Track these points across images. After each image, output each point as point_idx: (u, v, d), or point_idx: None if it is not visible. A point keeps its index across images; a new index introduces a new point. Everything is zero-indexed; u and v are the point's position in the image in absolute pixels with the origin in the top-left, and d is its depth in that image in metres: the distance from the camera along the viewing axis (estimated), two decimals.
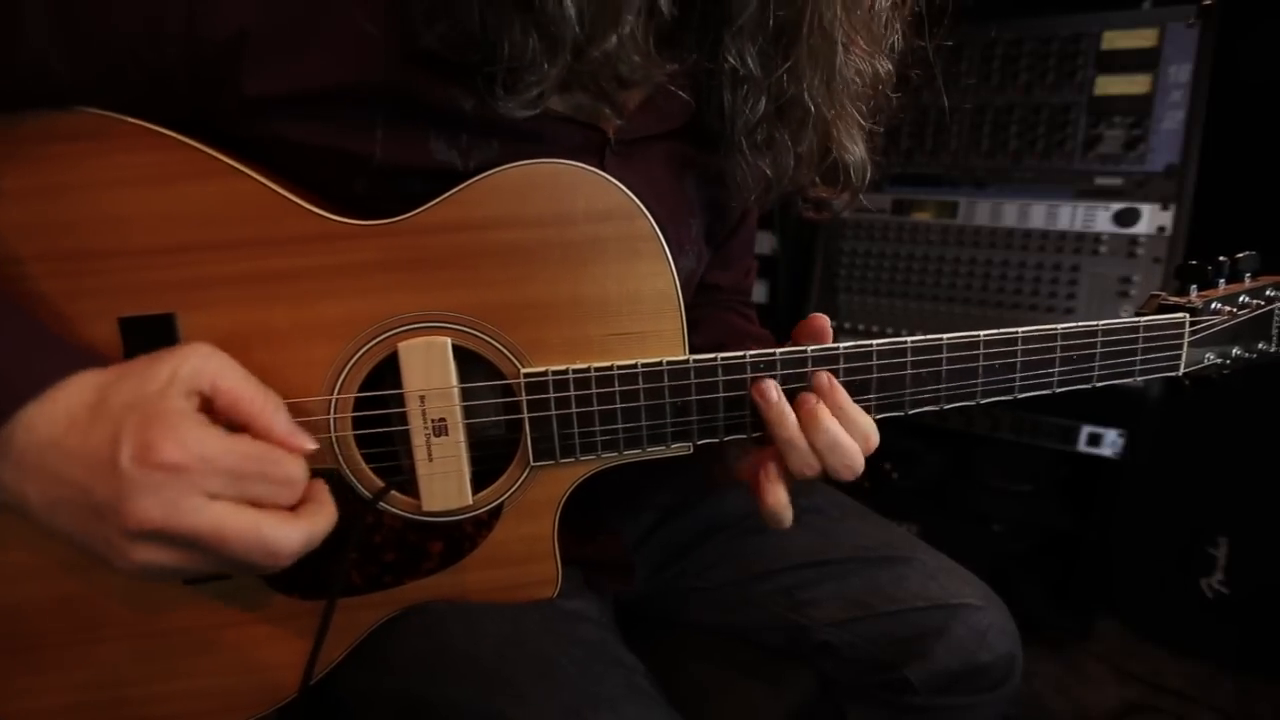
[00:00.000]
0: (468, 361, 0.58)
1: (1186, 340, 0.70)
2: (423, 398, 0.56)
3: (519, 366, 0.57)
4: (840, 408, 0.59)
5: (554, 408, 0.58)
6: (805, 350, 0.60)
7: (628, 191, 0.56)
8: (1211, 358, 0.72)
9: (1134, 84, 1.38)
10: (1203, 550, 1.54)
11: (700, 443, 0.61)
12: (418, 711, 0.59)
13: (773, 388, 0.59)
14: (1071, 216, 1.44)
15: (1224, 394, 0.74)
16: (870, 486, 1.71)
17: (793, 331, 0.64)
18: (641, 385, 0.58)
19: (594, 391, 0.58)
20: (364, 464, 0.59)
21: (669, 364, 0.58)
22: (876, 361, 0.61)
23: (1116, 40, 1.40)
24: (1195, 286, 0.72)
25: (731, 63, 0.58)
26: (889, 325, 1.60)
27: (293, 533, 0.49)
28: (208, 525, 0.46)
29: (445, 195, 0.54)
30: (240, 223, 0.53)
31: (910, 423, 0.64)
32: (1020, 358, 0.63)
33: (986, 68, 1.51)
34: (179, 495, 0.45)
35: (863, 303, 1.63)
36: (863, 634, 0.75)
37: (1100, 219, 1.42)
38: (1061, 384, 0.66)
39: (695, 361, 0.58)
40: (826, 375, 0.59)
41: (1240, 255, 0.73)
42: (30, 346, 0.48)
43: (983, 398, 0.64)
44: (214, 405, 0.49)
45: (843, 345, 0.60)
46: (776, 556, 0.79)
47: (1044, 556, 1.63)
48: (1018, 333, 0.63)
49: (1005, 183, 1.51)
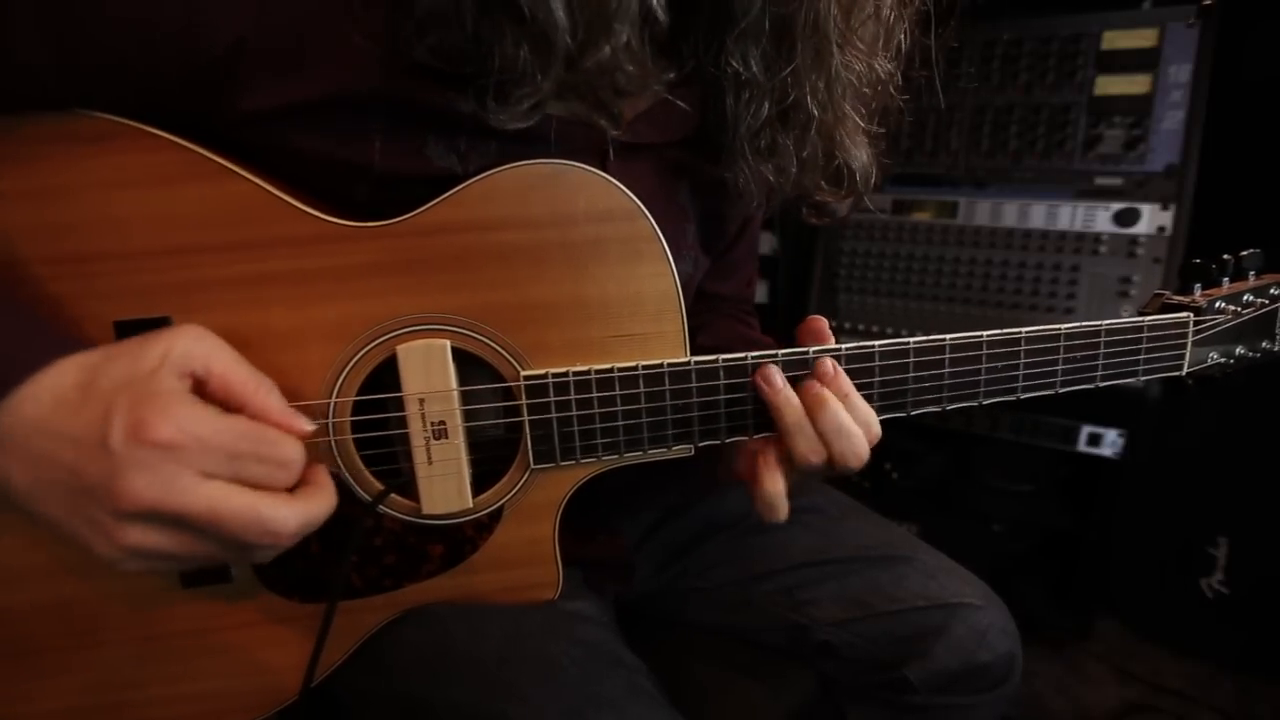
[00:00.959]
0: (467, 363, 0.57)
1: (1190, 340, 0.69)
2: (422, 400, 0.56)
3: (519, 369, 0.57)
4: (846, 395, 0.59)
5: (554, 410, 0.58)
6: (807, 351, 0.59)
7: (629, 192, 0.55)
8: (1215, 357, 0.72)
9: (1134, 84, 1.38)
10: (1203, 550, 1.54)
11: (702, 444, 0.61)
12: (419, 713, 0.59)
13: (776, 374, 0.59)
14: (1071, 216, 1.44)
15: (1224, 394, 0.75)
16: (870, 486, 1.71)
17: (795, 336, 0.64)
18: (642, 388, 0.58)
19: (594, 394, 0.58)
20: (363, 467, 0.58)
21: (670, 365, 0.58)
22: (879, 363, 0.61)
23: (1116, 40, 1.39)
24: (1199, 285, 0.72)
25: (735, 66, 0.57)
26: (889, 325, 1.60)
27: (290, 513, 0.48)
28: (203, 503, 0.45)
29: (444, 196, 0.54)
30: (237, 225, 0.53)
31: (910, 423, 0.64)
32: (1023, 358, 0.63)
33: (986, 68, 1.50)
34: (173, 474, 0.44)
35: (863, 303, 1.62)
36: (863, 634, 0.75)
37: (1100, 219, 1.41)
38: (1065, 384, 0.66)
39: (697, 363, 0.58)
40: (830, 362, 0.59)
41: (1244, 253, 0.73)
42: (14, 334, 0.47)
43: (985, 398, 0.64)
44: (207, 388, 0.49)
45: (845, 346, 0.60)
46: (777, 556, 0.79)
47: (1044, 556, 1.63)
48: (1021, 333, 0.62)
49: (1005, 183, 1.50)
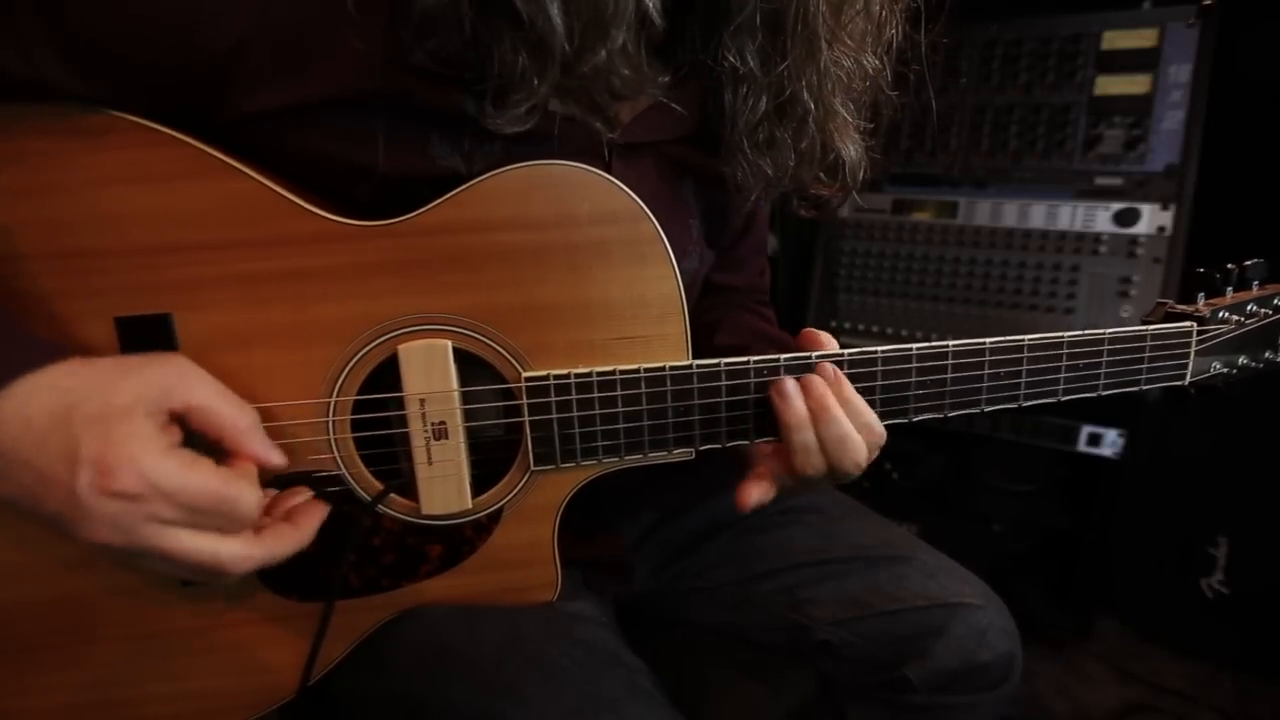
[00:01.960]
0: (469, 364, 0.57)
1: (1194, 350, 0.69)
2: (423, 401, 0.56)
3: (520, 370, 0.57)
4: (846, 400, 0.59)
5: (555, 411, 0.58)
6: (809, 356, 0.59)
7: (632, 194, 0.55)
8: (1218, 367, 0.72)
9: (1134, 84, 1.38)
10: (1203, 550, 1.54)
11: (702, 448, 0.61)
12: (417, 713, 0.59)
13: (792, 386, 0.59)
14: (1071, 216, 1.44)
15: (1224, 395, 0.74)
16: (870, 486, 1.71)
17: (798, 340, 0.64)
18: (643, 390, 0.58)
19: (595, 396, 0.58)
20: (363, 466, 0.58)
21: (672, 369, 0.58)
22: (881, 368, 0.61)
23: (1116, 40, 1.39)
24: (1203, 294, 0.72)
25: (731, 61, 0.58)
26: (889, 325, 1.60)
27: (249, 555, 0.50)
28: (160, 549, 0.46)
29: (447, 196, 0.54)
30: (239, 223, 0.53)
31: (910, 423, 0.64)
32: (1026, 366, 0.63)
33: (986, 68, 1.50)
34: (135, 522, 0.45)
35: (863, 303, 1.62)
36: (863, 633, 0.75)
37: (1100, 219, 1.41)
38: (1067, 392, 0.65)
39: (698, 367, 0.58)
40: (831, 367, 0.59)
41: (1248, 263, 0.73)
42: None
43: (987, 405, 0.63)
44: (186, 422, 0.49)
45: (848, 351, 0.60)
46: (777, 556, 0.79)
47: (1044, 556, 1.63)
48: (1024, 340, 0.62)
49: (1005, 183, 1.50)
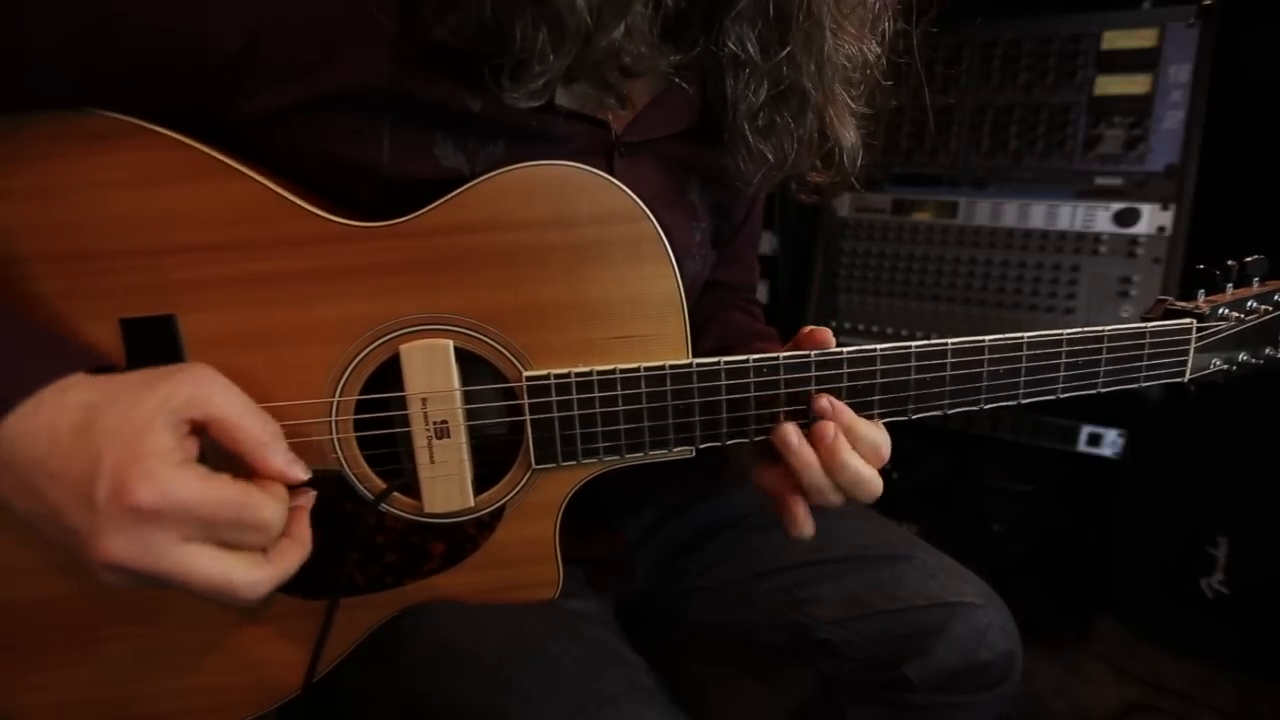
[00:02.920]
0: (470, 364, 0.58)
1: (1193, 346, 0.69)
2: (424, 400, 0.57)
3: (521, 369, 0.57)
4: (849, 429, 0.59)
5: (556, 410, 0.58)
6: (808, 355, 0.59)
7: (631, 194, 0.56)
8: (1218, 363, 0.72)
9: (1134, 84, 1.38)
10: (1203, 550, 1.54)
11: (703, 447, 0.61)
12: (419, 710, 0.59)
13: (793, 433, 0.58)
14: (1071, 216, 1.44)
15: (1224, 394, 0.74)
16: None
17: (797, 337, 0.64)
18: (644, 389, 0.58)
19: (596, 395, 0.58)
20: (366, 465, 0.59)
21: (672, 368, 0.58)
22: (880, 366, 0.60)
23: (1116, 40, 1.40)
24: (1203, 291, 0.71)
25: (732, 48, 0.58)
26: (889, 325, 1.60)
27: (261, 579, 0.49)
28: (175, 569, 0.46)
29: (447, 197, 0.54)
30: (241, 224, 0.53)
31: (911, 423, 0.64)
32: (1025, 363, 0.63)
33: (986, 68, 1.51)
34: (149, 539, 0.45)
35: (863, 303, 1.63)
36: (862, 632, 0.75)
37: (1100, 219, 1.42)
38: (1066, 390, 0.65)
39: (698, 365, 0.58)
40: (827, 399, 0.59)
41: (1249, 260, 0.72)
42: (18, 350, 0.47)
43: (987, 403, 0.63)
44: (207, 432, 0.49)
45: (846, 350, 0.60)
46: (777, 555, 0.79)
47: (1044, 556, 1.64)
48: (1023, 338, 0.62)
49: (1005, 183, 1.51)
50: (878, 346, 0.60)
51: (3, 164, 0.51)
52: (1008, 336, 0.62)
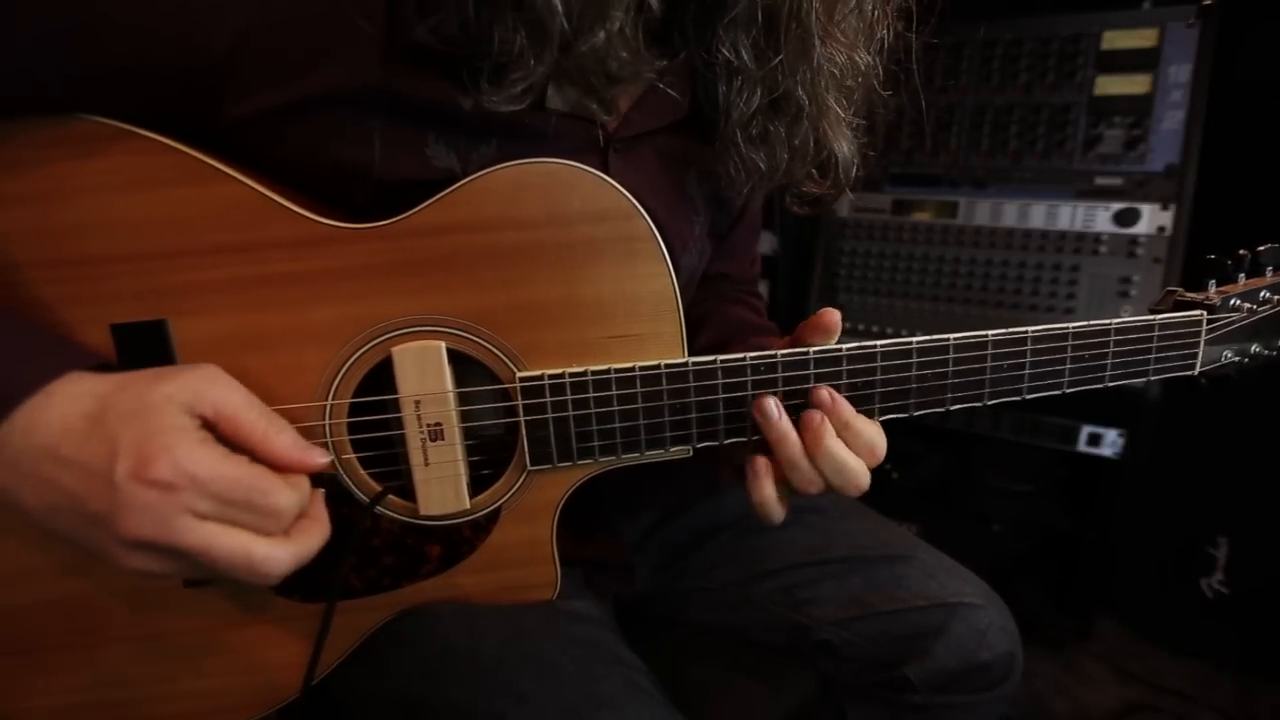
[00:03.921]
0: (464, 365, 0.57)
1: (1204, 338, 0.67)
2: (418, 402, 0.56)
3: (514, 370, 0.57)
4: (846, 425, 0.58)
5: (550, 411, 0.58)
6: (807, 352, 0.59)
7: (624, 191, 0.55)
8: (1230, 355, 0.70)
9: (1134, 84, 1.38)
10: (1203, 550, 1.54)
11: (699, 446, 0.61)
12: (418, 712, 0.59)
13: (773, 405, 0.58)
14: (1071, 216, 1.44)
15: (1224, 394, 0.74)
16: (870, 486, 1.71)
17: (799, 327, 0.63)
18: (639, 389, 0.58)
19: (591, 395, 0.58)
20: (361, 468, 0.59)
21: (667, 367, 0.58)
22: (881, 363, 0.60)
23: (1116, 40, 1.40)
24: (1213, 282, 0.69)
25: (725, 55, 0.58)
26: (889, 325, 1.60)
27: (282, 556, 0.50)
28: (197, 544, 0.46)
29: (438, 196, 0.54)
30: (230, 227, 0.53)
31: (911, 423, 0.64)
32: (1029, 358, 0.62)
33: (986, 68, 1.50)
34: (170, 513, 0.46)
35: (863, 303, 1.63)
36: (862, 633, 0.75)
37: (1100, 219, 1.41)
38: (1072, 384, 0.64)
39: (694, 364, 0.58)
40: (827, 391, 0.58)
41: (1261, 249, 0.70)
42: (18, 346, 0.48)
43: (990, 399, 0.62)
44: (216, 429, 0.50)
45: (846, 346, 0.59)
46: (777, 556, 0.79)
47: (1044, 556, 1.63)
48: (1027, 332, 0.61)
49: (1005, 183, 1.51)
50: (878, 343, 0.59)
51: None
52: (1011, 331, 0.61)
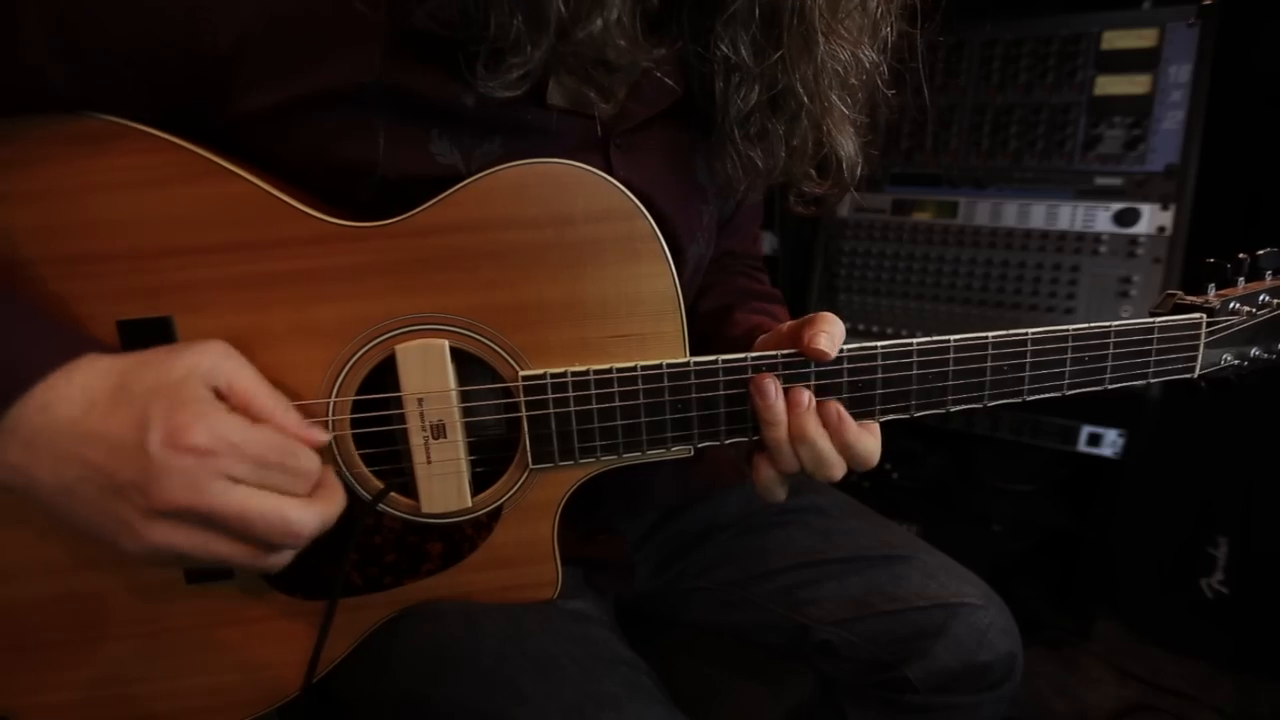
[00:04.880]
0: (466, 363, 0.58)
1: (1203, 341, 0.68)
2: (421, 400, 0.56)
3: (517, 369, 0.57)
4: (847, 446, 0.59)
5: (552, 410, 0.58)
6: (808, 364, 0.59)
7: (626, 191, 0.55)
8: (1229, 359, 0.70)
9: (1134, 84, 1.38)
10: (1203, 550, 1.54)
11: (701, 446, 0.61)
12: (419, 711, 0.59)
13: (772, 385, 0.58)
14: (1071, 216, 1.44)
15: (1224, 394, 0.74)
16: (870, 486, 1.71)
17: (802, 328, 0.63)
18: (641, 387, 0.58)
19: (593, 393, 0.58)
20: (363, 466, 0.59)
21: (669, 366, 0.58)
22: (881, 364, 0.60)
23: (1116, 40, 1.40)
24: (1213, 285, 0.69)
25: (724, 51, 0.58)
26: (889, 325, 1.60)
27: (311, 515, 0.51)
28: (235, 506, 0.47)
29: (442, 196, 0.54)
30: (236, 225, 0.53)
31: (911, 423, 0.64)
32: (1030, 359, 0.62)
33: (986, 68, 1.51)
34: (207, 478, 0.46)
35: (863, 303, 1.63)
36: (863, 633, 0.75)
37: (1100, 219, 1.42)
38: (1072, 387, 0.64)
39: (696, 364, 0.58)
40: (835, 408, 0.59)
41: (1261, 252, 0.70)
42: (35, 329, 0.49)
43: (990, 400, 0.63)
44: (228, 403, 0.51)
45: (847, 346, 0.59)
46: (777, 556, 0.79)
47: (1044, 556, 1.64)
48: (1027, 334, 0.62)
49: (1005, 183, 1.51)
50: (879, 344, 0.59)
51: None
52: (1011, 333, 0.61)
